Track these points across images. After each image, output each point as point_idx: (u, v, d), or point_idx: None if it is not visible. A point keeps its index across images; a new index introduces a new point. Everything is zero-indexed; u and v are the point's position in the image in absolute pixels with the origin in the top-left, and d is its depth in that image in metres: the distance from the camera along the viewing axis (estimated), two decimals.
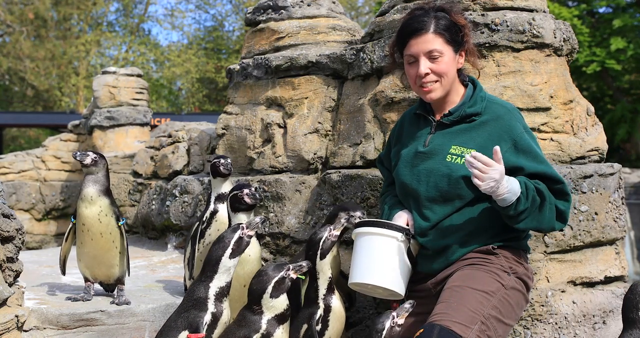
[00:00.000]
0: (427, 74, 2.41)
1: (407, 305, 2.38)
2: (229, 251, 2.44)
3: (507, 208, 2.24)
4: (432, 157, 2.43)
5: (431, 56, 2.40)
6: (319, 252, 2.62)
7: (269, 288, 2.40)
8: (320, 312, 2.59)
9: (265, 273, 2.43)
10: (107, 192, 2.96)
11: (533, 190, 2.27)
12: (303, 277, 2.71)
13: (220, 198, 3.07)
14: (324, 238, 2.64)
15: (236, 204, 2.80)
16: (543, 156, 2.37)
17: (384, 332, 2.30)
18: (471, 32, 2.54)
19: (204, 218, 3.07)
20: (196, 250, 3.07)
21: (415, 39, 2.42)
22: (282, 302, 2.42)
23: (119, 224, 2.96)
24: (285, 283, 2.43)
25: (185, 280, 3.22)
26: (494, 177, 2.19)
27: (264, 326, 2.38)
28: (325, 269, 2.62)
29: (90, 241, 2.94)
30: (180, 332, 2.37)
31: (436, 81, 2.43)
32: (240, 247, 2.47)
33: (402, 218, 2.50)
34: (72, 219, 3.00)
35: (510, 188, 2.22)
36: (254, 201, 2.80)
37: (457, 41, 2.44)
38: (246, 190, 2.79)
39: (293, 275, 2.45)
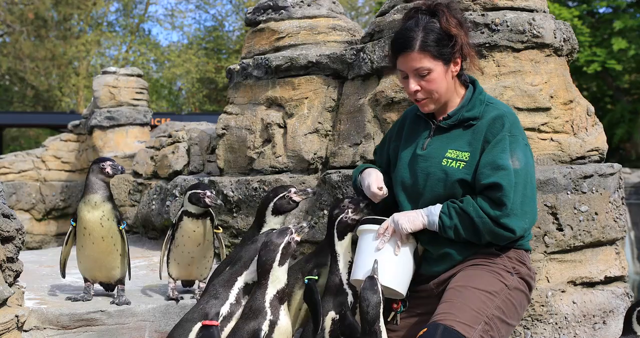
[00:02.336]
0: (416, 91, 2.40)
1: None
2: (277, 258, 2.36)
3: (440, 231, 2.34)
4: (428, 161, 2.43)
5: (419, 74, 2.38)
6: (335, 232, 2.59)
7: (278, 257, 2.35)
8: (350, 298, 2.55)
9: (272, 242, 2.37)
10: (111, 197, 2.98)
11: (455, 208, 2.33)
12: (316, 278, 2.70)
13: (187, 214, 3.02)
14: (340, 217, 2.59)
15: (285, 206, 2.79)
16: (502, 163, 2.29)
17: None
18: (469, 34, 2.46)
19: (174, 222, 3.09)
20: (170, 252, 3.09)
21: (402, 57, 2.39)
22: (284, 273, 2.37)
23: (120, 228, 2.96)
24: (291, 248, 2.37)
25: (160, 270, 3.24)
26: (400, 221, 2.37)
27: (268, 311, 2.31)
28: (344, 251, 2.60)
29: (92, 245, 2.94)
30: (196, 323, 2.37)
31: (426, 98, 2.41)
32: (288, 252, 2.38)
33: (372, 175, 2.56)
34: (72, 222, 2.99)
35: (428, 212, 2.37)
36: (305, 196, 2.82)
37: (446, 54, 2.37)
38: (293, 189, 2.80)
39: (297, 238, 2.40)
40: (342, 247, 2.61)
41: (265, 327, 2.31)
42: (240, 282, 2.42)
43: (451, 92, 2.45)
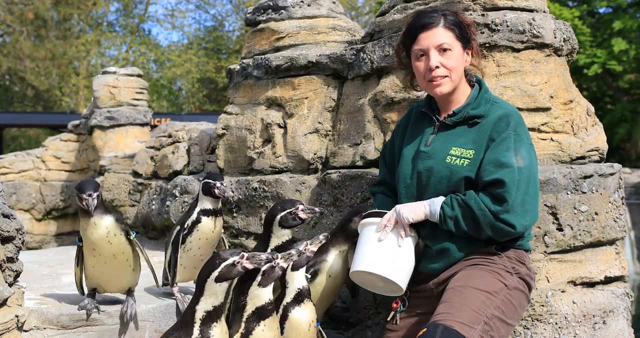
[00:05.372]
0: (437, 67, 2.42)
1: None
2: (215, 274, 2.24)
3: (441, 221, 2.36)
4: (432, 157, 2.44)
5: (441, 49, 2.43)
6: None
7: (258, 276, 2.31)
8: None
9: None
10: (106, 210, 2.76)
11: (457, 199, 2.35)
12: (309, 276, 2.70)
13: (205, 212, 2.98)
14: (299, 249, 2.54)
15: (290, 221, 2.78)
16: (506, 161, 2.31)
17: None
18: (476, 35, 2.58)
19: (186, 225, 3.00)
20: (178, 257, 3.01)
21: (425, 33, 2.44)
22: (267, 294, 2.33)
23: (131, 238, 2.81)
24: (275, 272, 2.33)
25: (162, 282, 3.18)
26: (402, 211, 2.39)
27: (242, 325, 2.31)
28: (295, 280, 2.54)
29: (104, 264, 2.77)
30: None
31: (445, 76, 2.44)
32: (229, 273, 2.25)
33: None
34: (78, 242, 2.83)
35: (430, 203, 2.39)
36: (311, 215, 2.79)
37: (465, 37, 2.47)
38: (301, 206, 2.78)
39: (283, 264, 2.36)
40: (292, 276, 2.55)
41: None
42: (200, 312, 2.26)
43: (460, 82, 2.48)
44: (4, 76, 24.31)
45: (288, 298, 2.52)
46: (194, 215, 2.97)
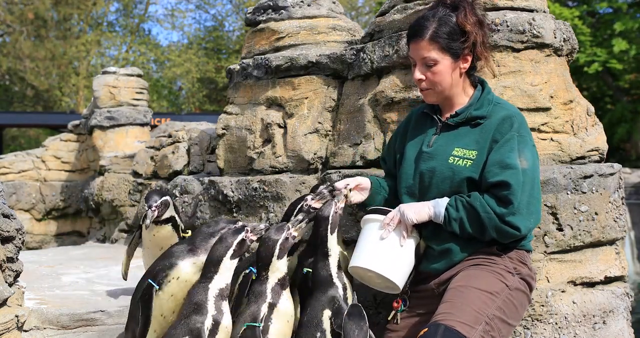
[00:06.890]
0: (420, 80, 2.44)
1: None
2: (230, 252, 2.45)
3: (445, 223, 2.35)
4: (435, 158, 2.43)
5: (425, 63, 2.41)
6: (329, 227, 2.56)
7: (276, 251, 2.48)
8: (340, 292, 2.50)
9: (269, 238, 2.51)
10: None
11: (462, 201, 2.33)
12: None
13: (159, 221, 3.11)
14: (331, 213, 2.58)
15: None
16: (511, 162, 2.29)
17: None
18: (487, 36, 2.48)
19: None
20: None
21: (412, 44, 2.44)
22: (284, 264, 2.50)
23: None
24: (288, 243, 2.51)
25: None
26: (407, 212, 2.37)
27: (269, 295, 2.42)
28: (335, 245, 2.59)
29: (172, 313, 2.58)
30: None
31: (429, 88, 2.44)
32: (241, 249, 2.50)
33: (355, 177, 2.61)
34: (156, 286, 2.56)
35: (435, 204, 2.38)
36: (322, 200, 2.76)
37: (455, 48, 2.39)
38: (309, 197, 2.71)
39: (294, 233, 2.53)
40: (332, 241, 2.59)
41: (264, 309, 2.41)
42: (213, 290, 2.39)
43: (457, 88, 2.46)
44: (4, 76, 24.31)
45: (334, 267, 2.58)
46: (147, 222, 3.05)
